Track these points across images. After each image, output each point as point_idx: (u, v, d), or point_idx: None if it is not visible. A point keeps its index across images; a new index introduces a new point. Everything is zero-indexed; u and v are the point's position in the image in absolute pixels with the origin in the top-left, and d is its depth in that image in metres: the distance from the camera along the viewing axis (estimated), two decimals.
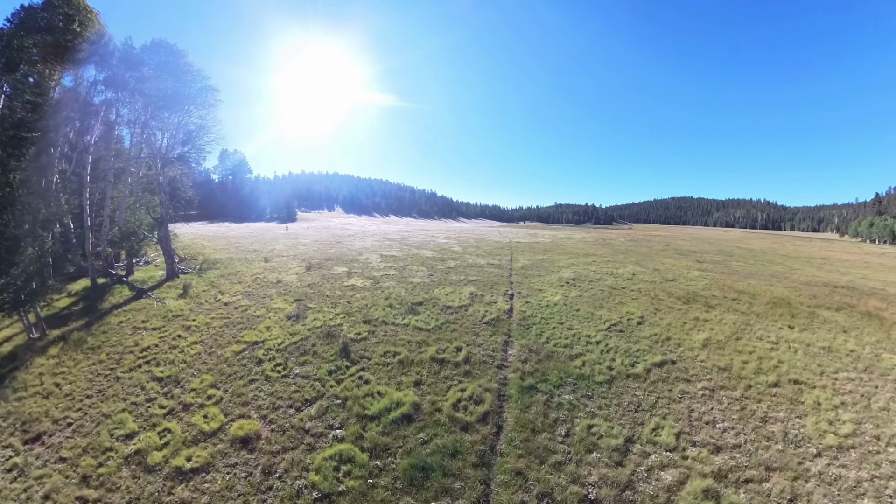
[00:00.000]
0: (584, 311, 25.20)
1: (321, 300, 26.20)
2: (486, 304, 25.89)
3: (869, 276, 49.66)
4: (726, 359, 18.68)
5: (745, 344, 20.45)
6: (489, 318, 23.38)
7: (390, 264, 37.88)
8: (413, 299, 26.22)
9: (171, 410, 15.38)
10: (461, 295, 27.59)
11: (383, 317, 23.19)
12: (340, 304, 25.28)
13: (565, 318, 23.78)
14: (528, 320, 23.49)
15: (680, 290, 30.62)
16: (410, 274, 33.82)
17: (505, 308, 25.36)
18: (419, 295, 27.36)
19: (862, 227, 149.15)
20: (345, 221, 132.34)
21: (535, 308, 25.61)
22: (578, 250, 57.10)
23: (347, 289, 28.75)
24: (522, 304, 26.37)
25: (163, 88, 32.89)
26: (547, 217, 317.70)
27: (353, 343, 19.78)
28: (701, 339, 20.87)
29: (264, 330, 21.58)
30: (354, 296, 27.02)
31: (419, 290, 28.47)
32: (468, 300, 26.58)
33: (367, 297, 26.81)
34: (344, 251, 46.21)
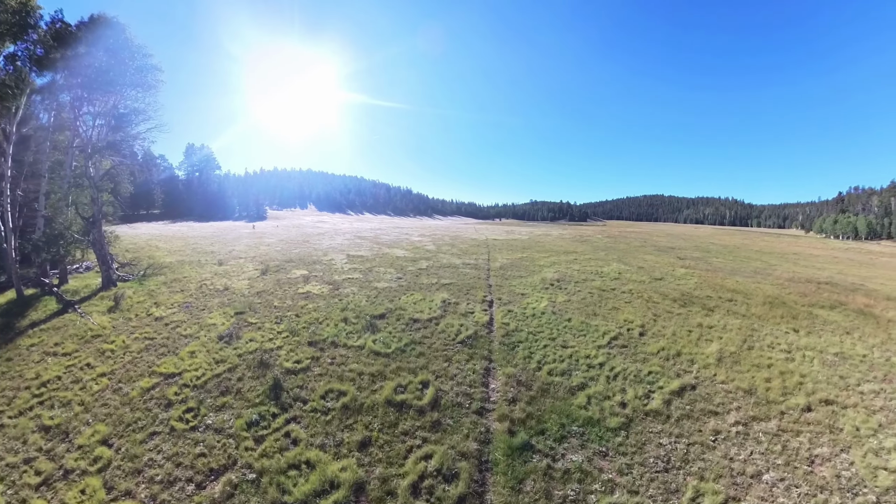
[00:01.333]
0: (576, 320, 22.03)
1: (266, 313, 22.41)
2: (461, 316, 22.22)
3: (844, 272, 49.86)
4: (747, 377, 16.16)
5: (759, 355, 18.25)
6: (465, 335, 19.61)
7: (356, 266, 34.30)
8: (374, 310, 22.48)
9: (47, 479, 11.55)
10: (432, 303, 23.99)
11: (334, 335, 19.29)
12: (287, 319, 21.44)
13: (557, 332, 20.48)
14: (512, 336, 19.89)
15: (672, 291, 28.34)
16: (377, 277, 30.31)
17: (484, 320, 21.81)
18: (382, 304, 23.70)
19: (826, 224, 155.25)
20: (317, 219, 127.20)
21: (519, 319, 22.22)
22: (558, 248, 54.92)
23: (301, 297, 25.00)
24: (504, 313, 22.95)
25: (96, 66, 28.50)
26: (523, 214, 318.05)
27: (289, 377, 15.84)
28: (712, 351, 18.31)
29: (186, 356, 17.65)
30: (306, 306, 23.28)
31: (383, 298, 24.88)
32: (440, 310, 22.87)
33: (321, 307, 23.13)
34: (309, 251, 42.43)
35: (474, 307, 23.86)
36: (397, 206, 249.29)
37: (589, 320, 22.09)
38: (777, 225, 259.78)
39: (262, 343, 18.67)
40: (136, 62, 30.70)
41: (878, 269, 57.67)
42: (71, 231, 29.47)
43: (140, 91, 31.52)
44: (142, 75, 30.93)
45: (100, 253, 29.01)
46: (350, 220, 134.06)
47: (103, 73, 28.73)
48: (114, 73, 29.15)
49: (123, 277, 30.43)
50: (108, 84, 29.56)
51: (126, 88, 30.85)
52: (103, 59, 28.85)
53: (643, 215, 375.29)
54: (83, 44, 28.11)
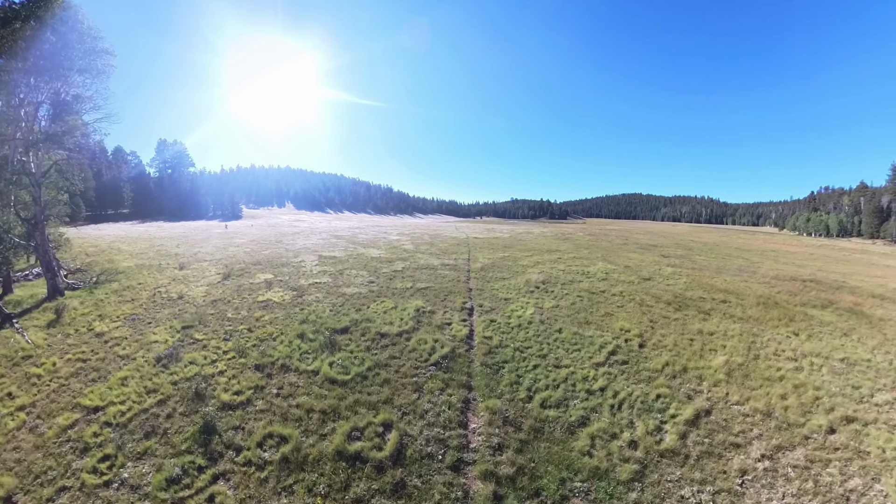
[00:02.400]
0: (568, 331, 19.70)
1: (216, 327, 19.78)
2: (436, 329, 19.52)
3: (824, 269, 50.04)
4: (761, 395, 14.55)
5: (767, 366, 16.80)
6: (440, 355, 16.78)
7: (326, 268, 31.81)
8: (337, 323, 19.81)
9: None
10: (404, 313, 21.36)
11: (286, 356, 16.57)
12: (237, 335, 18.78)
13: (547, 346, 18.04)
14: (496, 354, 17.24)
15: (664, 293, 26.83)
16: (346, 281, 27.84)
17: (463, 334, 19.04)
18: (348, 314, 21.05)
19: (799, 222, 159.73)
20: (295, 218, 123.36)
21: (503, 331, 19.67)
22: (540, 246, 53.47)
23: (259, 306, 22.39)
24: (486, 324, 20.45)
25: (43, 49, 25.43)
26: (503, 212, 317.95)
27: (225, 414, 13.12)
28: (719, 364, 16.63)
29: (116, 384, 15.00)
30: (262, 318, 20.70)
31: (349, 307, 22.25)
32: (412, 321, 20.24)
33: (279, 319, 20.53)
34: (280, 252, 39.79)
35: (452, 317, 21.34)
36: (377, 204, 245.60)
37: (582, 330, 19.90)
38: (751, 223, 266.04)
39: (202, 367, 15.97)
40: (85, 45, 27.66)
41: (855, 265, 58.33)
42: (11, 235, 26.32)
43: (88, 77, 28.44)
44: (91, 59, 27.92)
45: (44, 259, 25.94)
46: (328, 219, 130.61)
47: (50, 57, 25.70)
48: (61, 57, 26.16)
49: (73, 285, 27.40)
50: (55, 68, 26.52)
51: (73, 73, 27.82)
52: (51, 40, 25.80)
53: (622, 213, 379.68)
54: (29, 23, 25.02)
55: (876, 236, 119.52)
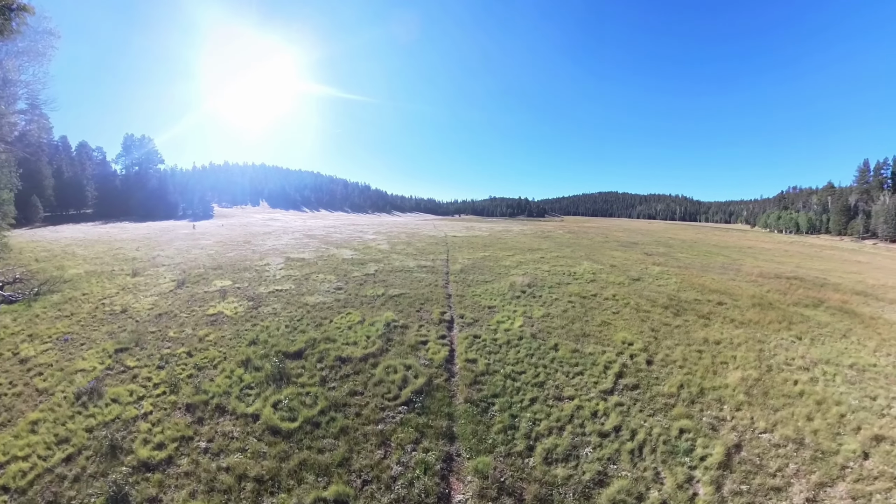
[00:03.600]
0: (565, 347, 17.17)
1: (153, 349, 16.80)
2: (409, 351, 16.62)
3: (802, 265, 50.11)
4: (787, 417, 12.87)
5: (782, 379, 15.23)
6: (413, 389, 13.77)
7: (292, 272, 29.01)
8: (290, 345, 16.79)
9: None
10: (372, 329, 18.46)
11: (224, 392, 13.56)
12: (172, 362, 15.75)
13: (543, 370, 15.34)
14: (483, 386, 14.31)
15: (657, 295, 25.23)
16: (311, 288, 25.05)
17: (441, 357, 16.08)
18: (305, 332, 18.15)
19: (771, 220, 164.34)
20: (268, 217, 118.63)
21: (489, 349, 16.94)
22: (521, 245, 51.75)
23: (206, 322, 19.47)
24: (469, 342, 17.62)
25: None
26: (482, 210, 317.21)
27: (141, 478, 10.21)
28: (736, 381, 14.83)
29: (25, 431, 11.99)
30: (206, 338, 17.73)
31: (308, 322, 19.39)
32: (381, 341, 17.31)
33: (224, 340, 17.56)
34: (245, 254, 36.71)
35: (429, 332, 18.42)
36: (355, 202, 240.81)
37: (581, 346, 17.46)
38: (723, 220, 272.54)
39: (125, 407, 13.02)
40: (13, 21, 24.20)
41: (829, 261, 58.84)
42: None
43: (26, 60, 25.22)
44: (31, 41, 24.68)
45: None
46: (304, 218, 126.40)
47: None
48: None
49: (10, 298, 23.85)
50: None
51: (8, 57, 24.51)
52: None
53: (598, 211, 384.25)
54: None
55: (843, 233, 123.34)
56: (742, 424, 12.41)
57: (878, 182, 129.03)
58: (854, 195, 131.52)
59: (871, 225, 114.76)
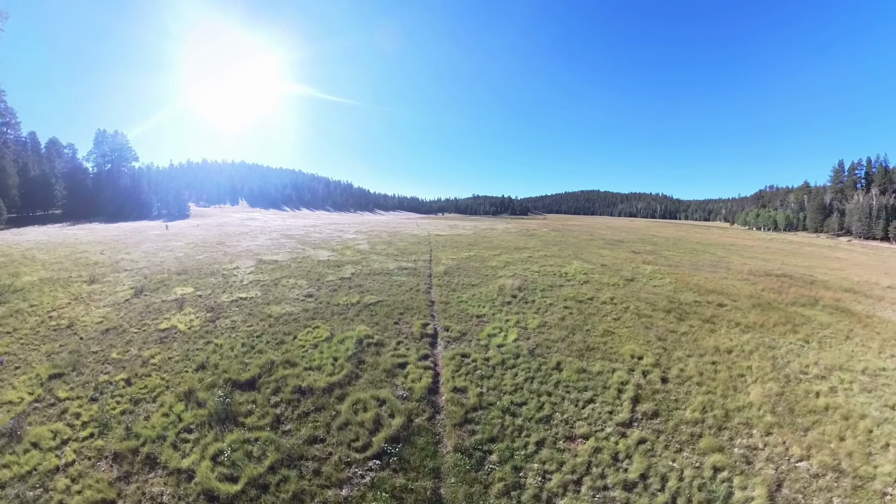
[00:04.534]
0: (569, 367, 14.83)
1: (90, 376, 14.29)
2: (384, 377, 14.04)
3: (787, 262, 50.09)
4: (820, 440, 11.48)
5: (805, 391, 14.00)
6: (388, 434, 11.14)
7: (261, 277, 26.61)
8: (242, 371, 14.18)
9: None
10: (341, 348, 15.81)
11: (158, 437, 11.06)
12: (108, 392, 13.28)
13: (548, 399, 12.93)
14: (476, 427, 11.66)
15: (656, 298, 23.84)
16: (279, 295, 22.65)
17: (423, 385, 13.47)
18: (263, 353, 15.53)
19: (749, 218, 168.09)
20: (247, 216, 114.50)
21: (482, 373, 14.46)
22: (507, 243, 50.18)
23: (156, 339, 17.00)
24: (456, 364, 15.01)
25: None
26: (465, 208, 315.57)
27: None
28: (757, 398, 13.35)
29: None
30: (152, 360, 15.24)
31: (268, 340, 16.78)
32: (351, 363, 14.67)
33: (171, 363, 15.06)
34: (215, 257, 34.10)
35: (408, 352, 15.79)
36: (337, 201, 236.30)
37: (587, 364, 15.25)
38: (703, 218, 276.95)
39: (45, 454, 10.61)
40: None
41: (810, 258, 59.24)
42: None
43: None
44: None
45: None
46: (283, 217, 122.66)
47: None
48: None
49: None
50: None
51: None
52: None
53: (581, 209, 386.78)
54: None
55: (819, 230, 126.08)
56: (777, 453, 10.87)
57: (851, 182, 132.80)
58: (829, 194, 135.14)
59: (845, 223, 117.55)
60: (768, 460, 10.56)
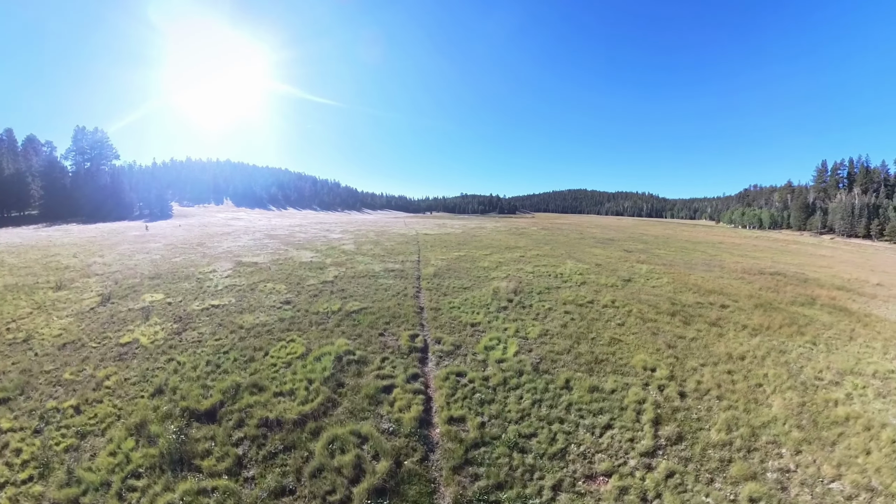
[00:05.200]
0: (580, 385, 13.21)
1: (37, 402, 12.56)
2: (365, 406, 12.03)
3: (777, 260, 50.06)
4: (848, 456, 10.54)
5: (824, 400, 13.17)
6: (371, 485, 9.23)
7: (238, 281, 24.95)
8: (203, 397, 12.25)
9: None
10: (317, 367, 13.81)
11: (101, 484, 9.36)
12: (56, 421, 11.57)
13: (561, 429, 11.23)
14: (478, 466, 9.95)
15: (656, 299, 22.90)
16: (254, 302, 20.91)
17: (413, 416, 11.47)
18: (228, 374, 13.56)
19: (735, 216, 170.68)
20: (231, 216, 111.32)
21: (481, 397, 12.62)
22: (497, 242, 49.11)
23: (115, 356, 15.26)
24: (451, 385, 13.07)
25: None
26: (453, 207, 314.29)
27: None
28: (780, 410, 12.34)
29: None
30: (107, 382, 13.37)
31: (236, 356, 14.84)
32: (328, 387, 12.74)
33: (126, 385, 13.20)
34: (193, 259, 32.29)
35: (395, 370, 13.88)
36: (324, 200, 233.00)
37: (599, 380, 13.67)
38: (688, 216, 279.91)
39: None
40: None
41: (797, 255, 59.59)
42: None
43: None
44: None
45: None
46: (269, 217, 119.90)
47: None
48: None
49: None
50: None
51: None
52: None
53: (568, 208, 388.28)
54: None
55: (803, 228, 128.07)
56: (809, 475, 9.84)
57: (834, 181, 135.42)
58: (812, 193, 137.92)
59: (828, 221, 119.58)
60: (803, 484, 9.50)
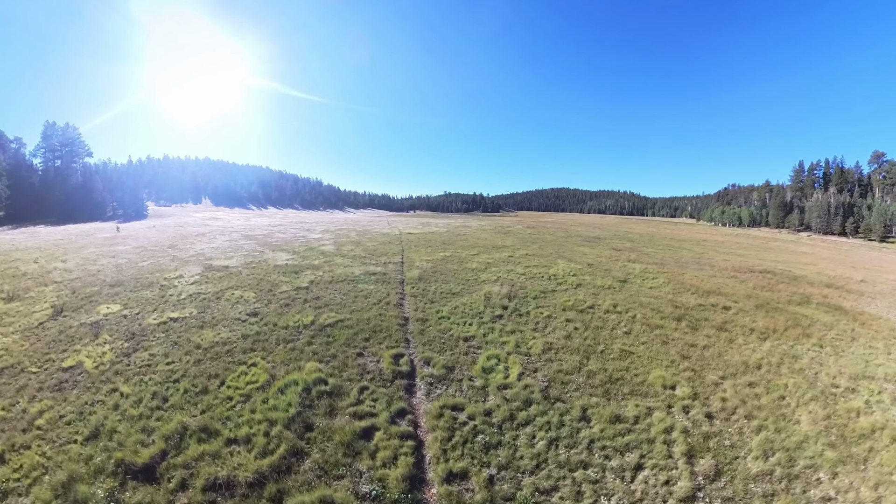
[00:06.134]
0: (598, 415, 11.28)
1: None
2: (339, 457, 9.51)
3: (763, 258, 50.08)
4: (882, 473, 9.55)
5: (846, 411, 12.24)
6: None
7: (204, 289, 22.74)
8: (142, 447, 9.78)
9: None
10: (281, 403, 11.30)
11: None
12: None
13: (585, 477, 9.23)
14: None
15: (658, 302, 21.78)
16: (218, 314, 18.67)
17: (400, 474, 8.95)
18: (175, 412, 11.16)
19: (716, 214, 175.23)
20: (209, 216, 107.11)
21: (485, 440, 10.25)
22: (484, 242, 47.70)
23: (53, 385, 12.96)
24: (447, 426, 10.62)
25: None
26: (437, 206, 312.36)
27: None
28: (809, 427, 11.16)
29: None
30: (38, 421, 10.93)
31: (188, 386, 12.45)
32: (294, 431, 10.32)
33: (58, 428, 10.79)
34: (161, 264, 29.88)
35: (376, 406, 11.39)
36: (305, 198, 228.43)
37: (618, 406, 11.78)
38: (669, 214, 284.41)
39: None
40: None
41: (780, 253, 60.13)
42: None
43: None
44: None
45: None
46: (248, 216, 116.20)
47: None
48: None
49: None
50: None
51: None
52: None
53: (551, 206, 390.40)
54: None
55: (781, 226, 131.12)
56: (850, 500, 8.75)
57: (811, 181, 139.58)
58: (790, 192, 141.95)
59: (805, 219, 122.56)
60: None
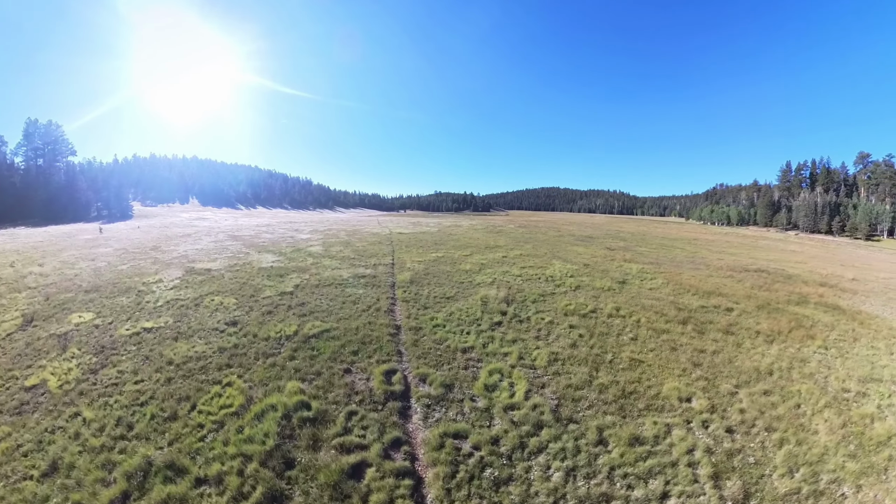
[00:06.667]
0: (616, 437, 10.22)
1: None
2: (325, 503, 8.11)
3: (755, 256, 50.08)
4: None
5: (860, 417, 11.92)
6: None
7: (182, 294, 21.45)
8: (102, 488, 8.50)
9: None
10: (256, 434, 9.85)
11: None
12: None
13: None
14: None
15: (660, 304, 21.14)
16: (195, 323, 17.31)
17: None
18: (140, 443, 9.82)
19: (705, 213, 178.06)
20: (196, 216, 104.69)
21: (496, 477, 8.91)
22: (476, 242, 46.88)
23: (13, 408, 11.51)
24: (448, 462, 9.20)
25: None
26: (428, 205, 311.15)
27: None
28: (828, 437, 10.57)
29: None
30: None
31: (154, 412, 10.98)
32: (272, 469, 8.87)
33: (14, 461, 9.54)
34: (141, 267, 28.49)
35: (366, 436, 9.94)
36: (295, 198, 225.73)
37: (634, 425, 10.73)
38: (658, 213, 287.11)
39: None
40: None
41: (771, 251, 60.32)
42: None
43: None
44: None
45: None
46: (236, 216, 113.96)
47: None
48: None
49: None
50: None
51: None
52: None
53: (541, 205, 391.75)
54: None
55: (769, 225, 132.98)
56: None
57: (798, 181, 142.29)
58: (777, 192, 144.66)
59: (792, 218, 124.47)
60: None
